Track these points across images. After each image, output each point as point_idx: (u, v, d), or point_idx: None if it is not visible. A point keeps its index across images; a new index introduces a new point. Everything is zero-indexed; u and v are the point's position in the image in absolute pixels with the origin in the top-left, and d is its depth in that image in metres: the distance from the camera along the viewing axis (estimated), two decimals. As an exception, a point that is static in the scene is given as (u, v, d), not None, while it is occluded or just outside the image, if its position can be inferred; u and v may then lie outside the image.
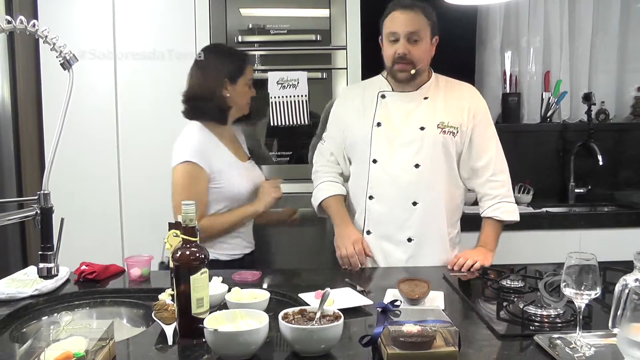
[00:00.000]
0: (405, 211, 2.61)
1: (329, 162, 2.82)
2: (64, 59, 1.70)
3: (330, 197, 2.74)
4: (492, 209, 2.68)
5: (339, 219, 2.71)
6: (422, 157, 2.60)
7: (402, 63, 2.60)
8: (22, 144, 3.47)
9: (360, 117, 2.71)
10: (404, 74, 2.62)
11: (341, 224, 2.68)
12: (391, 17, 2.62)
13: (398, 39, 2.58)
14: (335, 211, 2.73)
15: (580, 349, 1.56)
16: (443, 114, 2.65)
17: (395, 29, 2.58)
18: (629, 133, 4.50)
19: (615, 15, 4.41)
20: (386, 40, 2.64)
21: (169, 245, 2.02)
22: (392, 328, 1.55)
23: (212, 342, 1.55)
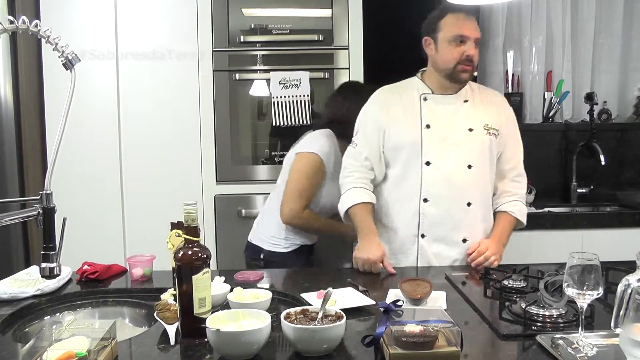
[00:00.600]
0: (461, 212, 2.60)
1: (362, 167, 2.69)
2: (66, 59, 1.70)
3: (358, 205, 2.63)
4: (511, 204, 2.69)
5: (364, 230, 2.60)
6: (473, 158, 2.60)
7: (468, 64, 2.57)
8: (24, 143, 3.47)
9: (404, 120, 2.64)
10: (467, 74, 2.60)
11: (366, 236, 2.59)
12: (457, 21, 2.58)
13: (464, 41, 2.56)
14: (360, 220, 2.62)
15: (583, 349, 1.55)
16: (485, 115, 2.65)
17: (464, 32, 2.55)
18: (631, 133, 4.49)
19: (618, 15, 4.40)
20: (447, 42, 2.59)
21: (171, 245, 2.02)
22: (395, 328, 1.55)
23: (214, 342, 1.55)
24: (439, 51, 2.62)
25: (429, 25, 2.68)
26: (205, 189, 3.60)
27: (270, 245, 3.01)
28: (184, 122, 3.54)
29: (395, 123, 2.65)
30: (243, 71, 3.58)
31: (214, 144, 3.58)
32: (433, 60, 2.67)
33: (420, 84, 2.73)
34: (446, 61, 2.59)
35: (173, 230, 2.06)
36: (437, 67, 2.64)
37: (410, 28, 4.30)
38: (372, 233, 2.59)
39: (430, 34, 2.66)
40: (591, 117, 4.32)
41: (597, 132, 4.29)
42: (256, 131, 3.67)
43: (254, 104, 3.64)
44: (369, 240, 2.55)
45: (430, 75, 2.71)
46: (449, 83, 2.64)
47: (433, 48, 2.65)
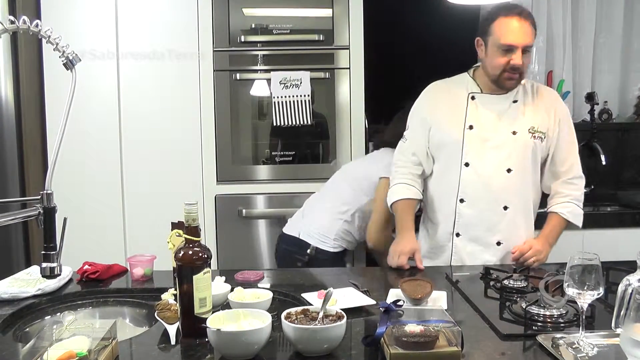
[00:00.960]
0: (496, 215, 2.60)
1: (409, 163, 2.73)
2: (66, 59, 1.71)
3: (400, 201, 2.69)
4: (562, 206, 2.68)
5: (401, 226, 2.67)
6: (513, 162, 2.58)
7: (514, 73, 2.53)
8: (25, 143, 3.47)
9: (449, 119, 2.66)
10: (513, 82, 2.57)
11: (401, 232, 2.65)
12: (507, 26, 2.51)
13: (512, 50, 2.50)
14: (399, 217, 2.69)
15: (583, 349, 1.55)
16: (532, 118, 2.62)
17: (512, 42, 2.49)
18: (632, 133, 4.49)
19: (618, 15, 4.40)
20: (495, 48, 2.54)
21: (171, 245, 2.02)
22: (395, 328, 1.55)
23: (214, 342, 1.55)
24: (487, 55, 2.59)
25: (481, 26, 2.64)
26: (205, 189, 3.60)
27: (319, 242, 3.09)
28: (185, 122, 3.53)
29: (440, 121, 2.68)
30: (244, 71, 3.58)
31: (214, 143, 3.58)
32: (483, 63, 2.65)
33: (470, 81, 2.71)
34: (493, 67, 2.57)
35: (174, 230, 2.06)
36: (486, 70, 2.63)
37: (411, 27, 4.32)
38: (408, 229, 2.65)
39: (482, 36, 2.62)
40: (592, 117, 4.32)
41: (598, 132, 4.29)
42: (257, 131, 3.67)
43: (254, 104, 3.64)
44: (403, 236, 2.61)
45: (481, 74, 2.68)
46: (495, 86, 2.62)
47: (483, 50, 2.62)
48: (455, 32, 4.19)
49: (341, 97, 3.59)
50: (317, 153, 3.66)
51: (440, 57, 4.17)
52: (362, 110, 3.60)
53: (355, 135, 3.60)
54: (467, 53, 4.32)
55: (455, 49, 4.23)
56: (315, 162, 3.65)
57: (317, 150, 3.66)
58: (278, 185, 3.38)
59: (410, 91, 3.28)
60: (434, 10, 3.89)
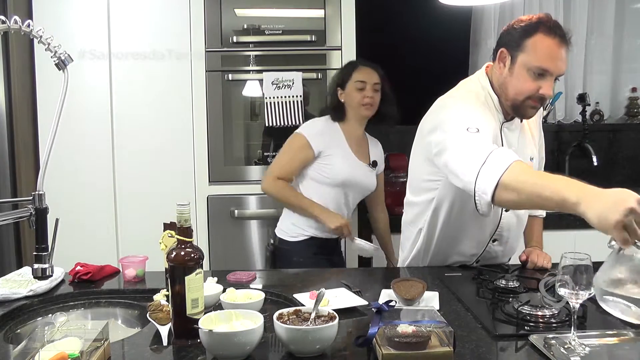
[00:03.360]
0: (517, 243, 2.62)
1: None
2: (58, 59, 1.70)
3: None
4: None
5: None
6: None
7: (538, 102, 2.23)
8: (17, 144, 3.46)
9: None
10: (534, 112, 2.29)
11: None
12: (548, 47, 2.15)
13: (545, 76, 2.16)
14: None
15: (575, 349, 1.56)
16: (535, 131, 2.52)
17: (550, 67, 2.15)
18: (623, 133, 4.51)
19: (610, 16, 4.43)
20: (526, 69, 2.18)
21: (163, 245, 2.02)
22: (387, 328, 1.55)
23: (207, 343, 1.55)
24: (513, 74, 2.22)
25: (511, 36, 2.24)
26: (198, 190, 3.59)
27: (280, 232, 3.26)
28: (177, 122, 3.53)
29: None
30: (236, 71, 3.58)
31: (206, 144, 3.58)
32: (503, 81, 2.28)
33: (497, 104, 2.34)
34: (517, 91, 2.22)
35: (166, 231, 2.06)
36: (505, 91, 2.28)
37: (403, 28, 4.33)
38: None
39: (510, 49, 2.23)
40: (583, 117, 4.34)
41: (590, 133, 4.31)
42: (249, 132, 3.67)
43: (246, 105, 3.64)
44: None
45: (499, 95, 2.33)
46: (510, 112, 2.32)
47: (507, 66, 2.24)
48: (447, 32, 4.22)
49: (333, 97, 3.59)
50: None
51: (433, 57, 4.19)
52: (354, 110, 3.59)
53: (347, 135, 3.60)
54: (459, 54, 4.36)
55: (448, 50, 4.27)
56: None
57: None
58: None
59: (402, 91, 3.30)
60: (426, 10, 3.90)
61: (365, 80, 3.13)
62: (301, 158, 3.14)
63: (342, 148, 3.17)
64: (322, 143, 3.13)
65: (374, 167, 3.29)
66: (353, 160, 3.19)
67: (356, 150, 3.21)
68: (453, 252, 2.52)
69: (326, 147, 3.13)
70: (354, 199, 3.28)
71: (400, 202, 2.76)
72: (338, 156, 3.14)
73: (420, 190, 2.50)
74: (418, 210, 2.53)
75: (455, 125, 2.16)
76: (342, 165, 3.13)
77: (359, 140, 3.27)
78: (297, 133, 3.17)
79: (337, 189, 3.17)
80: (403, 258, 2.68)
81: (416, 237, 2.57)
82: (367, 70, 3.17)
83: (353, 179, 3.17)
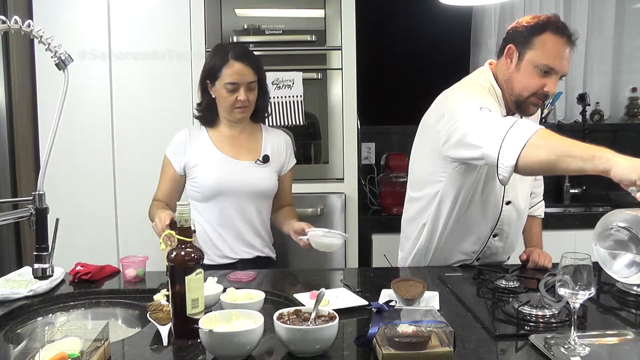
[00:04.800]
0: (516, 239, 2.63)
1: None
2: (59, 59, 1.70)
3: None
4: (537, 206, 2.72)
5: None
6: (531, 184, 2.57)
7: (541, 99, 2.29)
8: (17, 144, 3.46)
9: None
10: (535, 108, 2.35)
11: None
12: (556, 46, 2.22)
13: (550, 74, 2.24)
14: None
15: (576, 349, 1.56)
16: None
17: (556, 66, 2.22)
18: (623, 133, 4.51)
19: (610, 16, 4.43)
20: (533, 66, 2.24)
21: (163, 246, 2.02)
22: (387, 328, 1.55)
23: (207, 343, 1.55)
24: (520, 70, 2.29)
25: (520, 34, 2.29)
26: (198, 190, 3.59)
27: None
28: (177, 122, 3.52)
29: None
30: (236, 71, 3.57)
31: (207, 144, 3.57)
32: (509, 76, 2.33)
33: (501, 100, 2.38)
34: (523, 87, 2.28)
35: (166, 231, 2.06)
36: (510, 87, 2.33)
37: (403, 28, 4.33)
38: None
39: (519, 46, 2.29)
40: (584, 117, 4.35)
41: (590, 133, 4.30)
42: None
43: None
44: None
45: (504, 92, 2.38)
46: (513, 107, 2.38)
47: (514, 62, 2.30)
48: (447, 32, 4.22)
49: (333, 97, 3.59)
50: (309, 154, 3.66)
51: (433, 57, 4.19)
52: (354, 110, 3.60)
53: (347, 135, 3.60)
54: (459, 53, 4.36)
55: (448, 49, 4.27)
56: (307, 162, 3.64)
57: (310, 151, 3.66)
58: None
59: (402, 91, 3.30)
60: (427, 10, 3.91)
61: (237, 82, 2.62)
62: (167, 179, 2.76)
63: (209, 153, 2.72)
64: (182, 157, 2.72)
65: (264, 162, 2.75)
66: (225, 162, 2.70)
67: (234, 151, 2.74)
68: (455, 248, 2.52)
69: (190, 159, 2.71)
70: (250, 207, 2.73)
71: (400, 202, 2.76)
72: (202, 165, 2.69)
73: (423, 185, 2.50)
74: (421, 205, 2.53)
75: (466, 107, 2.18)
76: (207, 174, 2.67)
77: (240, 137, 2.79)
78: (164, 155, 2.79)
79: (216, 202, 2.69)
80: (403, 257, 2.67)
81: (418, 233, 2.56)
82: (238, 68, 2.62)
83: (228, 183, 2.67)
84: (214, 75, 2.64)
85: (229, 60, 2.61)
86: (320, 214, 3.48)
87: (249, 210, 2.73)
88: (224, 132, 2.76)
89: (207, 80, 2.69)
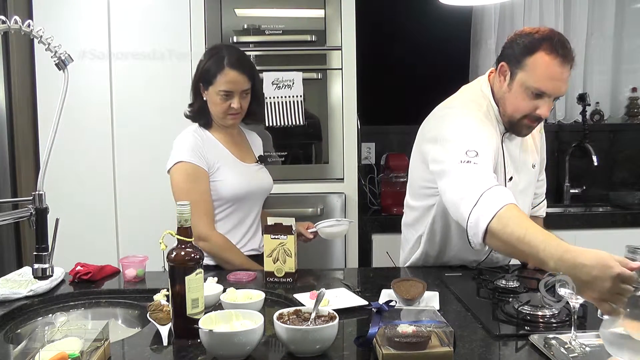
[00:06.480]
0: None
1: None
2: (58, 59, 1.70)
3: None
4: (540, 207, 2.72)
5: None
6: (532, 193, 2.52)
7: (534, 121, 2.21)
8: (17, 144, 3.46)
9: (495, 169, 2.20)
10: (529, 130, 2.26)
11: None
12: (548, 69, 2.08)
13: (542, 97, 2.12)
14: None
15: (575, 349, 1.56)
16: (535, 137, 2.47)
17: (548, 90, 2.11)
18: (623, 133, 4.51)
19: (610, 16, 4.43)
20: (524, 88, 2.14)
21: (163, 245, 2.02)
22: (387, 328, 1.55)
23: (207, 343, 1.55)
24: (511, 91, 2.19)
25: (512, 51, 2.18)
26: (198, 190, 3.58)
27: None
28: (177, 122, 3.51)
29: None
30: (236, 71, 3.57)
31: (207, 144, 3.57)
32: (502, 95, 2.24)
33: (497, 116, 2.29)
34: (514, 108, 2.19)
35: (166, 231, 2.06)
36: (503, 107, 2.25)
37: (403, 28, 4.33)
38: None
39: (510, 64, 2.18)
40: (584, 118, 4.34)
41: (590, 133, 4.31)
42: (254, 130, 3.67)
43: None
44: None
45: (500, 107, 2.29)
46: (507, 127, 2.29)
47: (507, 81, 2.21)
48: (447, 32, 4.22)
49: (333, 97, 3.59)
50: (309, 154, 3.66)
51: (433, 57, 4.19)
52: (354, 110, 3.60)
53: (347, 135, 3.60)
54: (459, 54, 4.36)
55: (448, 50, 4.27)
56: (307, 162, 3.65)
57: (310, 151, 3.66)
58: (270, 185, 3.35)
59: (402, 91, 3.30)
60: (426, 10, 3.91)
61: (231, 90, 2.57)
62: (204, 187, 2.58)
63: (224, 156, 2.65)
64: (204, 159, 2.59)
65: (262, 162, 2.82)
66: (240, 165, 2.69)
67: (239, 154, 2.72)
68: (454, 259, 2.51)
69: (210, 162, 2.61)
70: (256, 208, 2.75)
71: (400, 202, 2.76)
72: (223, 168, 2.62)
73: (419, 196, 2.49)
74: (417, 215, 2.52)
75: (454, 147, 2.12)
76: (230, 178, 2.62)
77: (237, 140, 2.79)
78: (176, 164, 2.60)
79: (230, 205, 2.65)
80: (403, 259, 2.67)
81: (416, 242, 2.56)
82: (233, 76, 2.57)
83: (249, 186, 2.67)
84: (208, 80, 2.60)
85: (225, 67, 2.57)
86: (320, 214, 3.48)
87: (256, 211, 2.74)
88: (225, 134, 2.72)
89: (201, 83, 2.64)
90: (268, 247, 2.29)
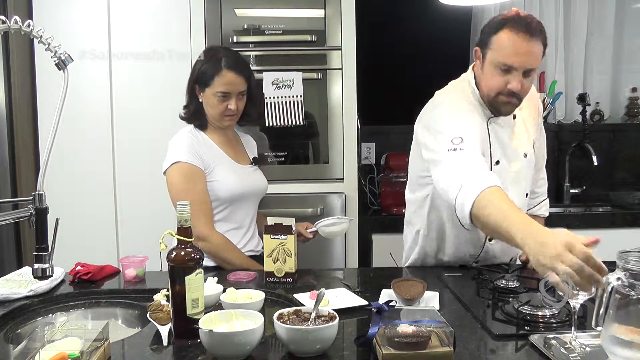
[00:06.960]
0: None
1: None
2: (58, 59, 1.70)
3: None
4: (541, 205, 2.71)
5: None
6: (527, 184, 2.49)
7: (511, 97, 2.24)
8: (17, 144, 3.46)
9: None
10: (510, 106, 2.29)
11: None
12: (511, 43, 2.16)
13: (510, 71, 2.19)
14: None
15: (576, 349, 1.56)
16: (531, 128, 2.48)
17: (513, 63, 2.17)
18: (623, 133, 4.51)
19: (610, 16, 4.43)
20: (493, 66, 2.22)
21: (163, 245, 2.02)
22: (387, 328, 1.55)
23: (207, 343, 1.55)
24: (484, 71, 2.28)
25: (482, 35, 2.29)
26: (198, 190, 3.58)
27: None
28: (178, 122, 3.52)
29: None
30: (236, 71, 3.57)
31: (207, 144, 3.57)
32: (479, 78, 2.34)
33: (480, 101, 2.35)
34: (488, 87, 2.27)
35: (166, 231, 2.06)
36: (480, 88, 2.33)
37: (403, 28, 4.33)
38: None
39: (481, 47, 2.29)
40: (584, 117, 4.34)
41: (590, 133, 4.31)
42: (249, 132, 3.67)
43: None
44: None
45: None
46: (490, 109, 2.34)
47: (480, 64, 2.31)
48: (447, 32, 4.22)
49: (333, 97, 3.59)
50: (309, 154, 3.66)
51: (433, 57, 4.19)
52: (354, 110, 3.60)
53: (347, 135, 3.60)
54: (459, 54, 4.35)
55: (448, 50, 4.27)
56: (307, 162, 3.65)
57: (309, 151, 3.66)
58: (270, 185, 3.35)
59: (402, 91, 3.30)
60: (426, 10, 3.91)
61: (229, 92, 2.59)
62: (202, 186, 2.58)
63: (219, 157, 2.66)
64: (200, 159, 2.59)
65: (256, 164, 2.85)
66: (235, 167, 2.70)
67: (234, 155, 2.74)
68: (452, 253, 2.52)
69: (206, 162, 2.61)
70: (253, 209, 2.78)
71: (400, 202, 2.76)
72: (218, 169, 2.62)
73: (416, 187, 2.52)
74: (414, 208, 2.55)
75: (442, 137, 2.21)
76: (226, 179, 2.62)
77: (232, 142, 2.80)
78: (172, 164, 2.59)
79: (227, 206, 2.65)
80: (403, 257, 2.68)
81: (414, 239, 2.57)
82: (231, 78, 2.58)
83: (245, 187, 2.68)
84: (205, 82, 2.61)
85: (222, 69, 2.58)
86: (320, 214, 3.48)
87: (252, 213, 2.76)
88: (220, 135, 2.72)
89: (197, 84, 2.65)
90: (268, 247, 2.29)
